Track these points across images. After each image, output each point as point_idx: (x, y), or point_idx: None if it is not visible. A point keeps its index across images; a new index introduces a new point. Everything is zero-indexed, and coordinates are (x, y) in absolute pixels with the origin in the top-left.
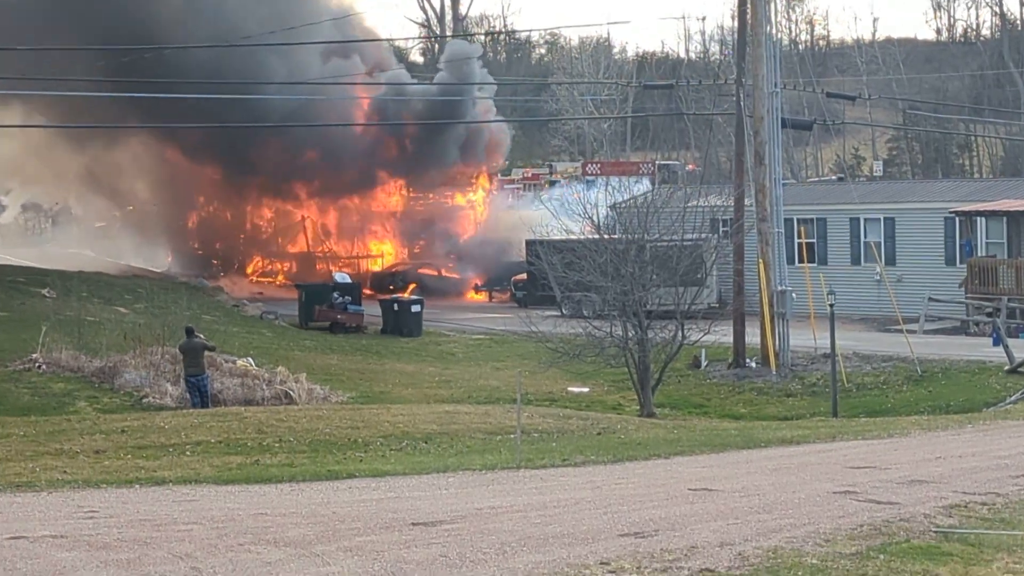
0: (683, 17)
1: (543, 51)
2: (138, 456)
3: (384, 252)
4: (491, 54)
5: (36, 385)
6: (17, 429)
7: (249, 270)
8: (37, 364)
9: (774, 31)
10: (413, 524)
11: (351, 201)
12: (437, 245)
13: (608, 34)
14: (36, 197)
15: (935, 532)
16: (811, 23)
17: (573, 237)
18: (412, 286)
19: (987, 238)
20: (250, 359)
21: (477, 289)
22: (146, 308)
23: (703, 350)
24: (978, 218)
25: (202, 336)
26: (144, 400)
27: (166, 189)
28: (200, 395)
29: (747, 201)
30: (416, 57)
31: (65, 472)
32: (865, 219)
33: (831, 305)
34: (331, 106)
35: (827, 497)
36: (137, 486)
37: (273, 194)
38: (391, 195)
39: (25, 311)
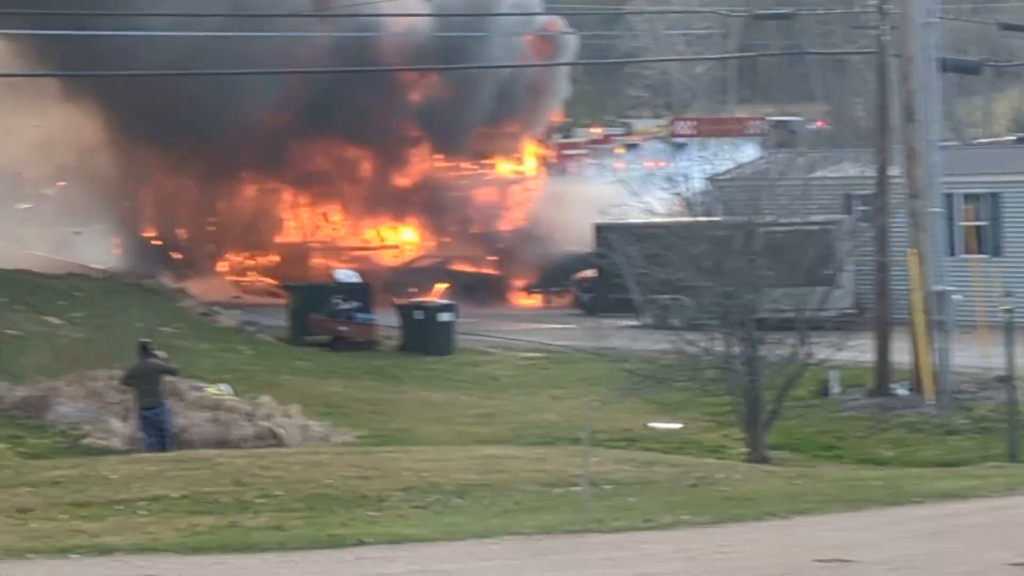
0: None
1: None
2: (76, 516)
3: (404, 242)
4: None
5: None
6: None
7: (223, 266)
8: None
9: None
10: None
11: (360, 173)
12: (474, 232)
13: None
14: None
15: None
16: None
17: (658, 220)
18: (441, 287)
19: None
20: (225, 386)
21: (528, 291)
22: (86, 318)
23: (834, 373)
24: None
25: (160, 355)
26: (84, 441)
27: (111, 158)
28: (158, 434)
29: (893, 171)
30: None
31: None
32: None
33: (1008, 311)
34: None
35: (1002, 571)
36: (75, 556)
37: (255, 167)
38: (413, 164)
39: None
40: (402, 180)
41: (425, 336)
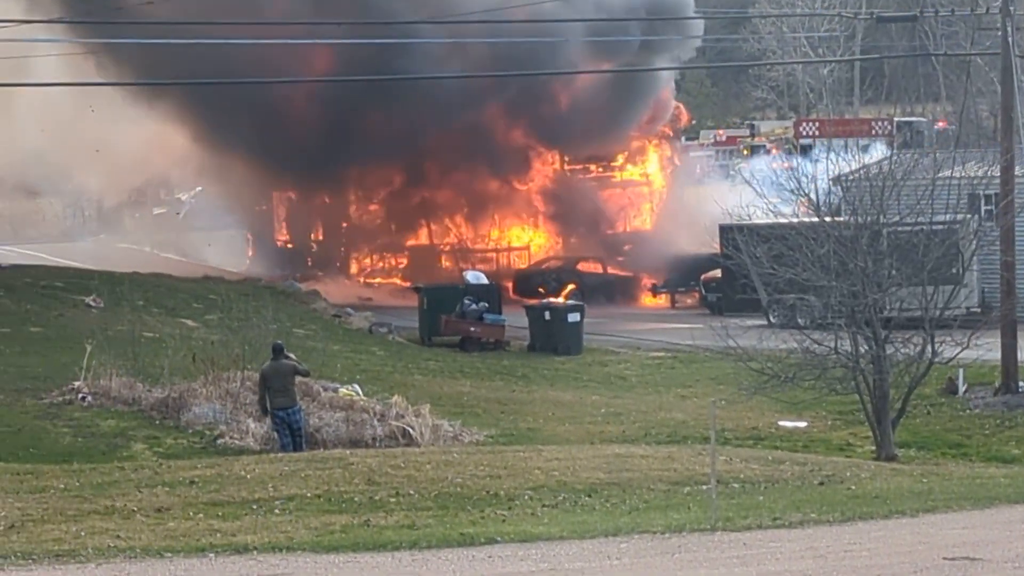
0: None
1: None
2: (212, 515)
3: (532, 243)
4: None
5: (79, 422)
6: (56, 480)
7: (355, 269)
8: (81, 395)
9: None
10: None
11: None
12: (601, 234)
13: None
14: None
15: None
16: None
17: (784, 221)
18: (569, 288)
19: None
20: (356, 387)
21: (655, 291)
22: (221, 320)
23: (960, 371)
24: None
25: (293, 356)
26: (219, 441)
27: (246, 160)
28: (292, 434)
29: (1018, 171)
30: None
31: (118, 537)
32: None
33: None
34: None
35: None
36: (211, 555)
37: (391, 171)
38: (540, 168)
39: (65, 326)
40: (530, 183)
41: (553, 336)
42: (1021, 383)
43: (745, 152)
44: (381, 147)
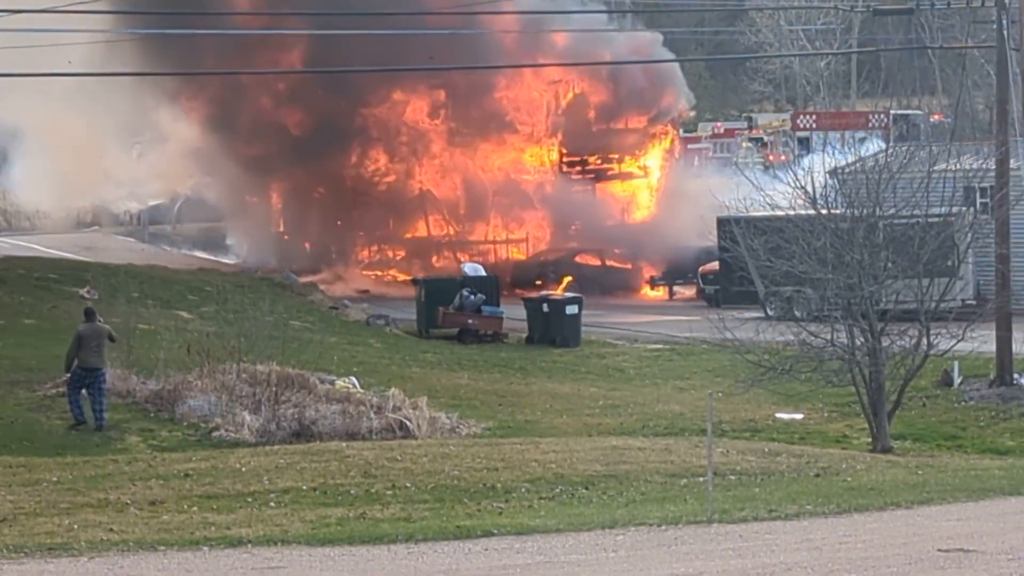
0: None
1: None
2: (206, 508)
3: (530, 235)
4: None
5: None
6: (49, 473)
7: (353, 261)
8: None
9: None
10: None
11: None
12: (600, 225)
13: None
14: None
15: None
16: None
17: (781, 213)
18: (567, 280)
19: None
20: (353, 379)
21: (653, 283)
22: (216, 312)
23: (955, 363)
24: None
25: (103, 320)
26: (214, 434)
27: (243, 151)
28: (95, 393)
29: (1013, 163)
30: None
31: (111, 530)
32: None
33: None
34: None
35: None
36: (206, 548)
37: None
38: (536, 157)
39: (58, 318)
40: (528, 175)
41: (551, 328)
42: (1016, 375)
43: (743, 145)
44: (375, 135)
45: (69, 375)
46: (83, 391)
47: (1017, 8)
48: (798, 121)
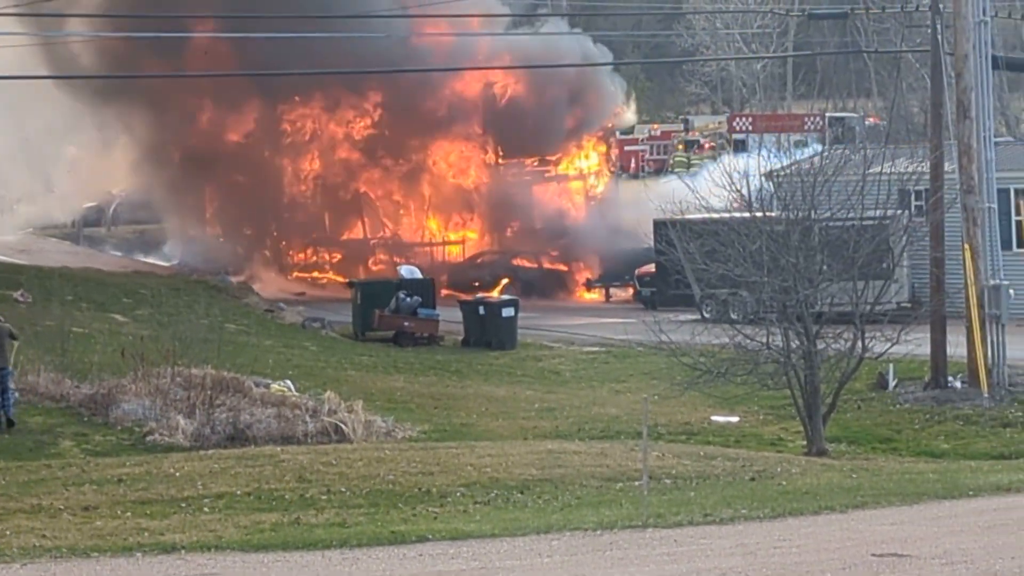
0: None
1: None
2: (140, 514)
3: (467, 238)
4: None
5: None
6: None
7: (288, 263)
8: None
9: None
10: None
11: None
12: (536, 227)
13: None
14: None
15: None
16: None
17: (717, 216)
18: (504, 282)
19: None
20: (289, 382)
21: (589, 286)
22: (151, 316)
23: (890, 366)
24: None
25: (3, 319)
26: (148, 438)
27: (177, 153)
28: (2, 394)
29: (947, 166)
30: None
31: (44, 536)
32: None
33: None
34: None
35: None
36: (139, 554)
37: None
38: (472, 161)
39: None
40: (465, 177)
41: (487, 331)
42: (950, 378)
43: (679, 147)
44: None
45: None
46: None
47: (951, 13)
48: (734, 123)
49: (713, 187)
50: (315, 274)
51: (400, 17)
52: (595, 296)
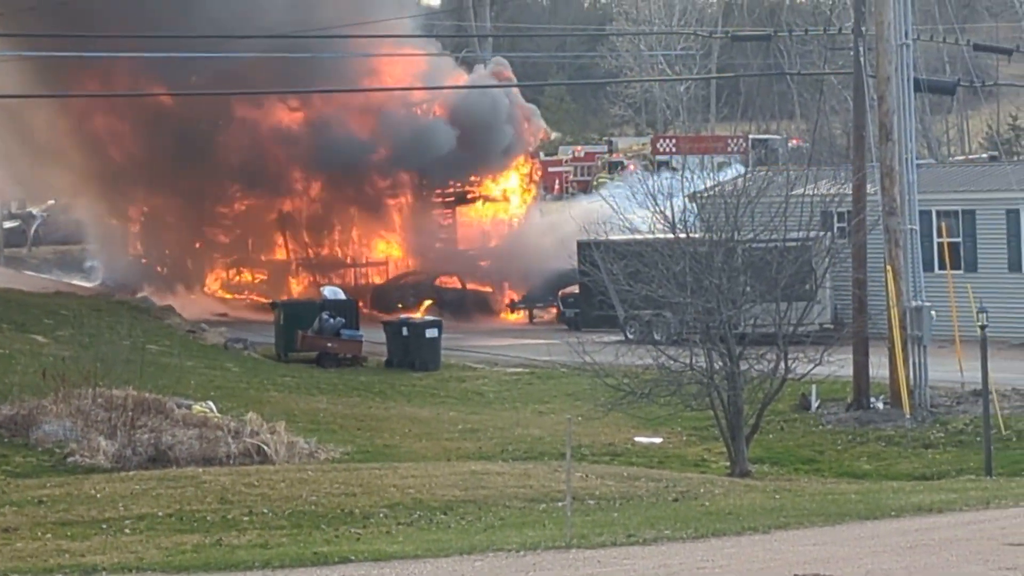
0: None
1: None
2: (61, 535)
3: (390, 258)
4: None
5: None
6: None
7: (210, 284)
8: None
9: None
10: None
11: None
12: (459, 249)
13: None
14: None
15: None
16: None
17: (640, 237)
18: (427, 303)
19: None
20: (211, 403)
21: (513, 307)
22: (72, 336)
23: (813, 387)
24: None
25: None
26: (69, 459)
27: (99, 174)
28: None
29: (870, 188)
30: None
31: None
32: None
33: (982, 327)
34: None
35: None
36: None
37: (247, 184)
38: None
39: None
40: (389, 198)
41: (411, 352)
42: (872, 399)
43: (603, 168)
44: (233, 163)
45: None
46: None
47: (874, 35)
48: (658, 145)
49: (637, 208)
50: (237, 295)
51: (331, 37)
52: (519, 317)
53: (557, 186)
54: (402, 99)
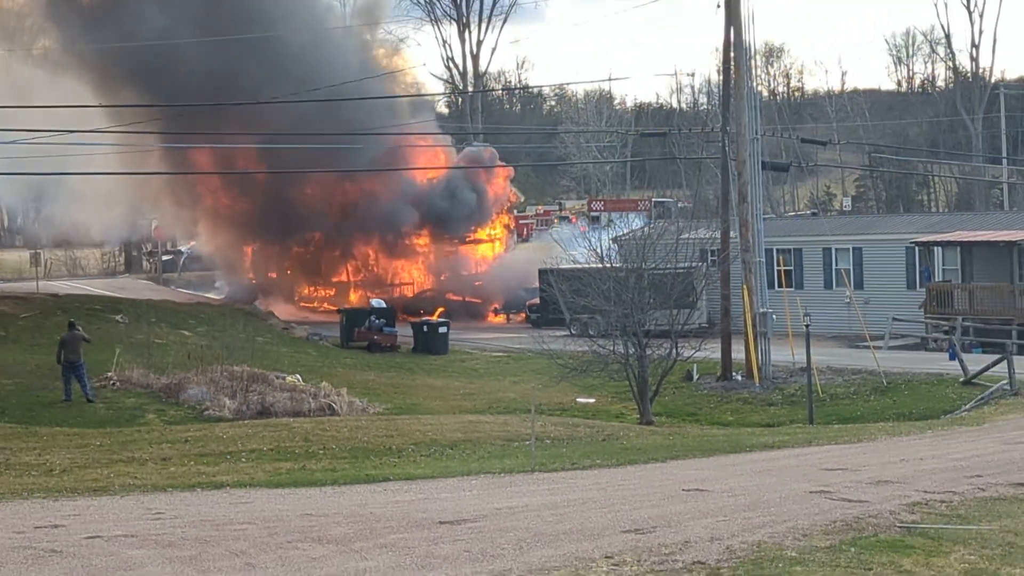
0: (675, 73)
1: (553, 103)
2: (199, 463)
3: (415, 279)
4: (507, 105)
5: (111, 400)
6: (94, 439)
7: (297, 296)
8: (112, 382)
9: (755, 84)
10: (440, 523)
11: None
12: (462, 274)
13: (610, 88)
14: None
15: (900, 527)
16: (787, 76)
17: (580, 266)
18: (440, 310)
19: (944, 265)
20: (298, 376)
21: (496, 312)
22: (207, 331)
23: (695, 365)
24: (935, 248)
25: (81, 329)
26: (205, 413)
27: (225, 222)
28: (77, 379)
29: (732, 234)
30: (442, 109)
31: (135, 477)
32: (836, 249)
33: (807, 325)
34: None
35: (804, 496)
36: (199, 490)
37: (322, 231)
38: (422, 238)
39: (101, 335)
40: (416, 239)
41: (429, 342)
42: (734, 373)
43: (556, 221)
44: (313, 219)
45: (61, 368)
46: (72, 378)
47: (735, 132)
48: (592, 205)
49: (579, 247)
50: (315, 304)
51: (381, 134)
52: (500, 319)
53: (525, 232)
54: (424, 175)
